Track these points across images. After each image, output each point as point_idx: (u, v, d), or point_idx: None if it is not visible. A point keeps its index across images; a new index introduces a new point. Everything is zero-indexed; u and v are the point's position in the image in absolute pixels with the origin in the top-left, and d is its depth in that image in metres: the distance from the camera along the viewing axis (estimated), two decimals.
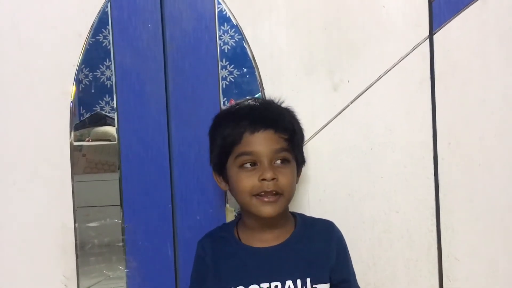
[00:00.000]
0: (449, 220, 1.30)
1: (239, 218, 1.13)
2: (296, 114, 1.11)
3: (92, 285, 1.32)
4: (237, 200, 1.07)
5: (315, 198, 1.30)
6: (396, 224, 1.30)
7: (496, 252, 1.31)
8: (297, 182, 1.09)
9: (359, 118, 1.31)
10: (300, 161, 1.08)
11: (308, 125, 1.13)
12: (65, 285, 1.32)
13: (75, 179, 1.30)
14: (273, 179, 0.99)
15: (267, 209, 1.00)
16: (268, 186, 0.99)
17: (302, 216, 1.13)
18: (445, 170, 1.30)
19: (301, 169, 1.11)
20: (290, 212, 1.13)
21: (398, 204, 1.30)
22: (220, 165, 1.06)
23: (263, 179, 0.99)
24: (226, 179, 1.07)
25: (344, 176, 1.30)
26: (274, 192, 1.00)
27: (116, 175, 1.31)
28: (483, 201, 1.31)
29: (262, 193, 0.99)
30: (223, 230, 1.13)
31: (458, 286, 1.30)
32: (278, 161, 1.01)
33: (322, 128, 1.30)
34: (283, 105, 1.10)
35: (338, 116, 1.30)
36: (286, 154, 1.02)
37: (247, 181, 1.00)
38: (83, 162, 1.32)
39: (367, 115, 1.31)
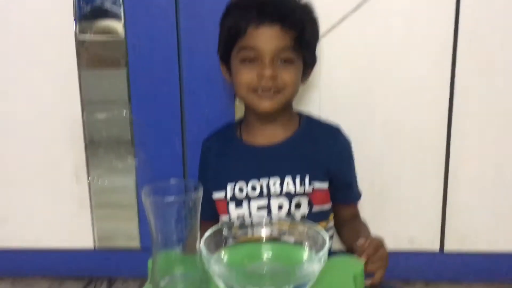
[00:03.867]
0: (461, 123, 1.28)
1: (243, 117, 1.12)
2: (313, 10, 1.03)
3: (101, 176, 1.35)
4: (237, 94, 1.06)
5: (326, 95, 1.27)
6: (407, 126, 1.28)
7: (504, 156, 1.30)
8: (304, 83, 1.06)
9: (378, 14, 1.23)
10: (309, 62, 1.03)
11: (323, 20, 1.06)
12: (75, 174, 1.35)
13: (82, 74, 1.28)
14: (272, 77, 0.95)
15: (264, 104, 0.98)
16: (267, 83, 0.96)
17: (309, 116, 1.10)
18: (463, 71, 1.25)
19: (311, 71, 1.06)
20: (297, 112, 1.10)
21: (410, 105, 1.27)
22: (225, 55, 1.03)
23: (262, 76, 0.96)
24: (230, 70, 1.04)
25: (358, 74, 1.26)
26: (273, 91, 0.97)
27: (122, 71, 1.28)
28: (497, 104, 1.27)
29: (260, 90, 0.97)
30: (226, 129, 1.13)
31: (463, 188, 1.32)
32: (281, 60, 0.97)
33: (338, 24, 1.23)
34: None
35: (356, 11, 1.23)
36: (290, 54, 0.97)
37: (246, 76, 0.97)
38: (87, 57, 1.28)
39: (386, 10, 1.23)
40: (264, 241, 0.84)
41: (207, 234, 0.78)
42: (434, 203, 1.33)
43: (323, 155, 1.03)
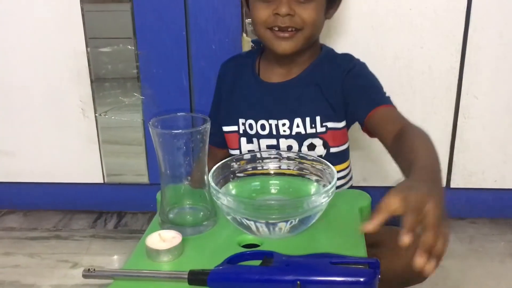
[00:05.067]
0: (474, 57, 1.25)
1: (263, 48, 1.04)
2: None
3: (108, 110, 1.34)
4: (254, 32, 0.99)
5: (336, 31, 1.23)
6: (418, 60, 1.25)
7: None
8: (329, 17, 0.98)
9: None
10: None
11: None
12: (82, 108, 1.34)
13: (85, 9, 1.25)
14: (288, 14, 0.89)
15: (282, 46, 0.92)
16: (283, 21, 0.89)
17: (329, 51, 1.02)
18: (479, 2, 1.20)
19: (338, 3, 0.98)
20: (322, 46, 1.02)
21: (423, 39, 1.23)
22: None
23: (277, 14, 0.89)
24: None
25: (369, 8, 1.22)
26: (290, 29, 0.90)
27: (127, 5, 1.24)
28: None
29: (276, 28, 0.91)
30: (248, 57, 1.06)
31: (472, 124, 1.30)
32: None
33: None
34: None
35: None
36: None
37: (262, 12, 0.91)
38: None
39: None
40: (272, 175, 0.84)
41: (215, 167, 0.79)
42: (443, 140, 1.32)
43: (333, 87, 0.96)
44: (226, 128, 1.03)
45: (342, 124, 0.98)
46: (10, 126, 1.37)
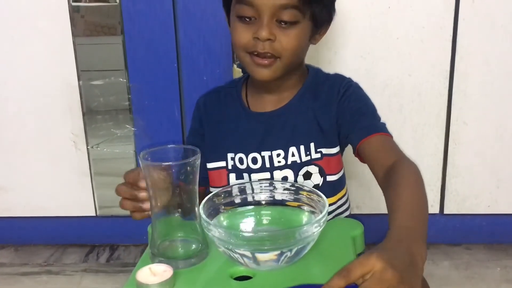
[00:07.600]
0: (462, 84, 1.26)
1: (248, 75, 0.99)
2: None
3: (100, 143, 1.34)
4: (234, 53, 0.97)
5: (324, 60, 1.25)
6: (408, 88, 1.27)
7: (506, 117, 1.29)
8: (315, 43, 0.93)
9: None
10: (321, 19, 0.89)
11: None
12: (74, 141, 1.34)
13: (77, 42, 1.26)
14: (268, 39, 0.83)
15: (260, 73, 0.87)
16: (263, 47, 0.84)
17: (318, 72, 0.97)
18: (465, 31, 1.23)
19: (325, 30, 0.93)
20: (308, 67, 0.97)
21: (411, 67, 1.25)
22: (227, 4, 0.91)
23: (257, 38, 0.84)
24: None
25: (357, 37, 1.24)
26: (269, 55, 0.85)
27: (118, 38, 1.26)
28: (500, 64, 1.25)
29: (256, 53, 0.85)
30: (231, 87, 1.00)
31: (463, 149, 1.31)
32: (283, 21, 0.84)
33: None
34: None
35: None
36: (293, 13, 0.84)
37: (242, 36, 0.86)
38: (82, 24, 1.26)
39: None
40: (263, 205, 0.84)
41: (206, 199, 0.78)
42: (435, 166, 1.32)
43: (327, 110, 0.92)
44: (211, 165, 0.96)
45: (336, 149, 0.94)
46: (2, 160, 1.37)
